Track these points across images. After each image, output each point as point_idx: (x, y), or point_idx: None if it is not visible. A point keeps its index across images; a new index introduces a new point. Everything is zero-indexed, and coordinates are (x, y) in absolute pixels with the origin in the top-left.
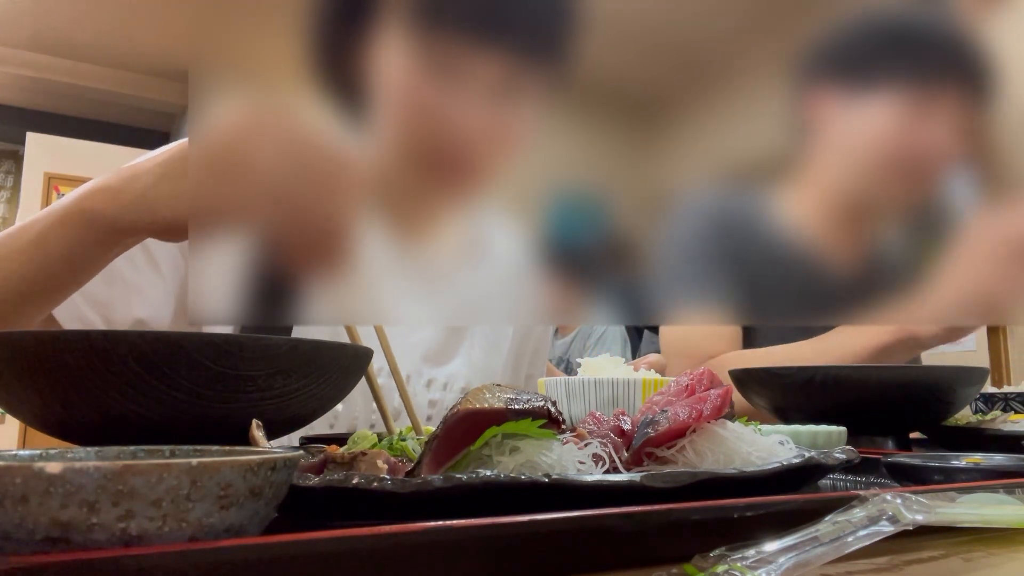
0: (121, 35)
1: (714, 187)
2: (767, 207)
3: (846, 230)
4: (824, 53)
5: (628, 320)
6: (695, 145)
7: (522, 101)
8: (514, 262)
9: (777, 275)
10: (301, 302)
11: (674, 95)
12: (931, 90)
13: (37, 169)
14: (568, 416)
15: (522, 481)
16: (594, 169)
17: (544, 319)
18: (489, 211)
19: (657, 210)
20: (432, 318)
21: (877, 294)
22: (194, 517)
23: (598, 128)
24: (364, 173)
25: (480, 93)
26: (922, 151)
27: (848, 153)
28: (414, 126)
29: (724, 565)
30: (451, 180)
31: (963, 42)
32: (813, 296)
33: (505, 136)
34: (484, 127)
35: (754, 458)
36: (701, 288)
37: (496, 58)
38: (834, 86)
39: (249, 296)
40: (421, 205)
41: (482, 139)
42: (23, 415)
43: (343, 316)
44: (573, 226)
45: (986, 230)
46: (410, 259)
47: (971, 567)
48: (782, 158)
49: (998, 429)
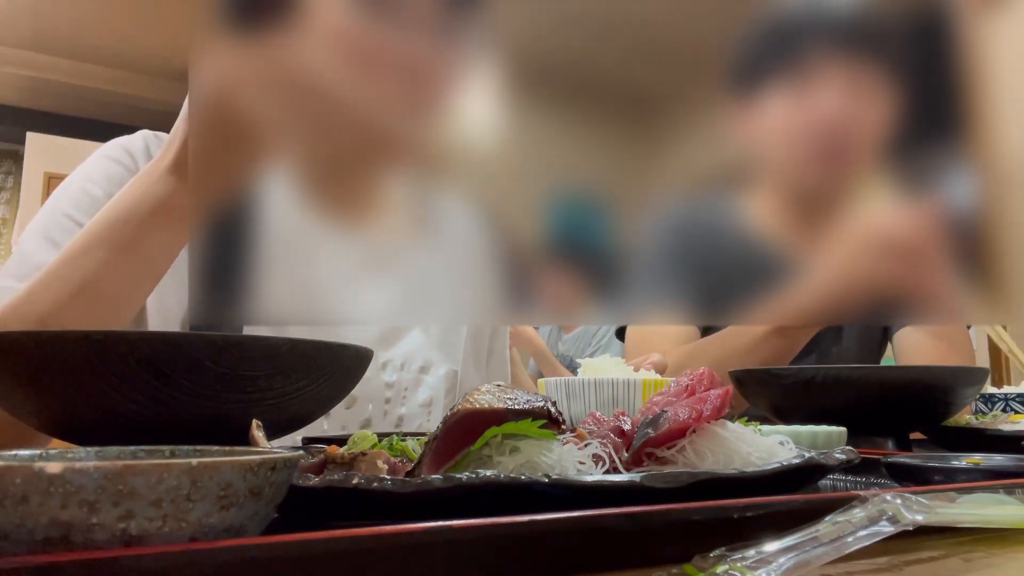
0: (121, 35)
1: (692, 191)
2: (734, 210)
3: (803, 225)
4: (758, 49)
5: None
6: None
7: (456, 36)
8: (473, 250)
9: (740, 277)
10: (248, 301)
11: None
12: (859, 74)
13: (37, 169)
14: (568, 416)
15: (522, 481)
16: (588, 169)
17: (505, 317)
18: (447, 192)
19: (647, 210)
20: (382, 312)
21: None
22: (194, 517)
23: (592, 128)
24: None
25: (415, 26)
26: (850, 134)
27: (789, 145)
28: (349, 62)
29: (724, 565)
30: (392, 113)
31: (895, 25)
32: (773, 294)
33: (443, 73)
34: (421, 62)
35: (754, 458)
36: (672, 289)
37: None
38: (773, 80)
39: (200, 294)
40: (359, 161)
41: (420, 74)
42: (23, 415)
43: (291, 316)
44: (569, 224)
45: (859, 226)
46: (355, 238)
47: (971, 567)
48: (743, 161)
49: (998, 429)
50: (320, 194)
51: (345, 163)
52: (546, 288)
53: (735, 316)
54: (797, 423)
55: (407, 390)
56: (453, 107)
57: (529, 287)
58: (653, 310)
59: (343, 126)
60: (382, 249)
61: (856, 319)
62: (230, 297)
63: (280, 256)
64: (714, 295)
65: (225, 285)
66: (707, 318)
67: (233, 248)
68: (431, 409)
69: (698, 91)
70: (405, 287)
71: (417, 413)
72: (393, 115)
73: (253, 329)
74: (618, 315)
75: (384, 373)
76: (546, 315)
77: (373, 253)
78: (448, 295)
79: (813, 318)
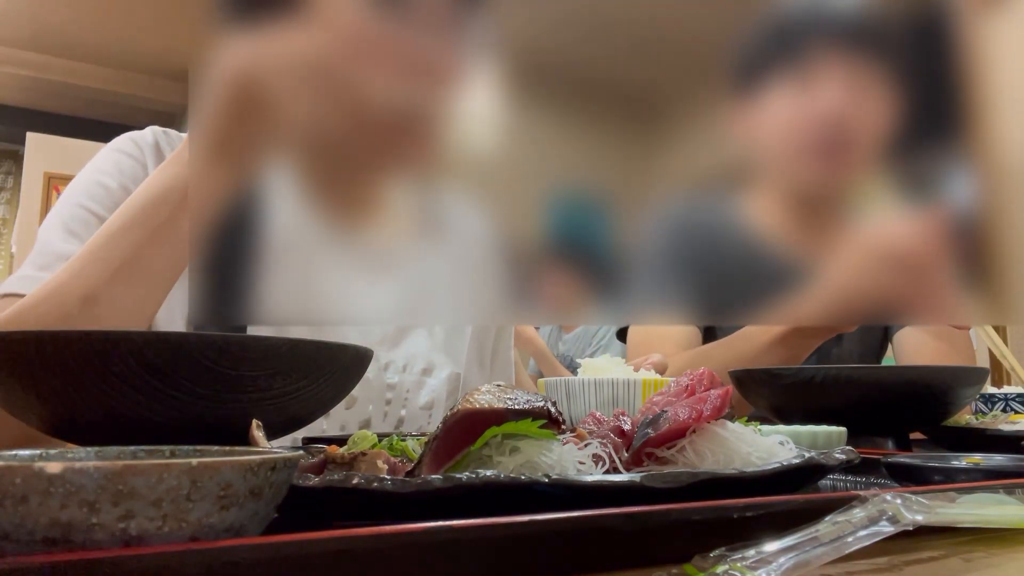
0: (121, 35)
1: (693, 190)
2: (734, 210)
3: (804, 225)
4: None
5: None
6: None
7: (461, 34)
8: (476, 250)
9: (741, 277)
10: (252, 301)
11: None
12: (860, 73)
13: (37, 169)
14: (568, 416)
15: (522, 481)
16: (589, 168)
17: (507, 317)
18: (449, 192)
19: (647, 210)
20: (385, 312)
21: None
22: (194, 517)
23: (593, 128)
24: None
25: (423, 22)
26: (851, 131)
27: (789, 141)
28: (358, 54)
29: (724, 565)
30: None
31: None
32: (777, 295)
33: (450, 70)
34: (430, 57)
35: (754, 458)
36: (672, 289)
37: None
38: (774, 78)
39: (202, 294)
40: (364, 163)
41: (428, 69)
42: (24, 415)
43: (294, 316)
44: (569, 224)
45: (862, 236)
46: (358, 238)
47: (971, 567)
48: (744, 160)
49: (998, 429)
50: (324, 193)
51: (351, 157)
52: (546, 288)
53: (735, 316)
54: (797, 423)
55: (409, 392)
56: (457, 105)
57: (530, 287)
58: (653, 310)
59: (352, 116)
60: (385, 249)
61: (860, 323)
62: (233, 297)
63: (283, 256)
64: (714, 295)
65: (228, 285)
66: (707, 318)
67: (236, 247)
68: (432, 412)
69: (699, 91)
70: (408, 287)
71: (418, 415)
72: (403, 106)
73: (256, 329)
74: (618, 315)
75: (386, 374)
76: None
77: (376, 253)
78: (451, 296)
79: (817, 322)
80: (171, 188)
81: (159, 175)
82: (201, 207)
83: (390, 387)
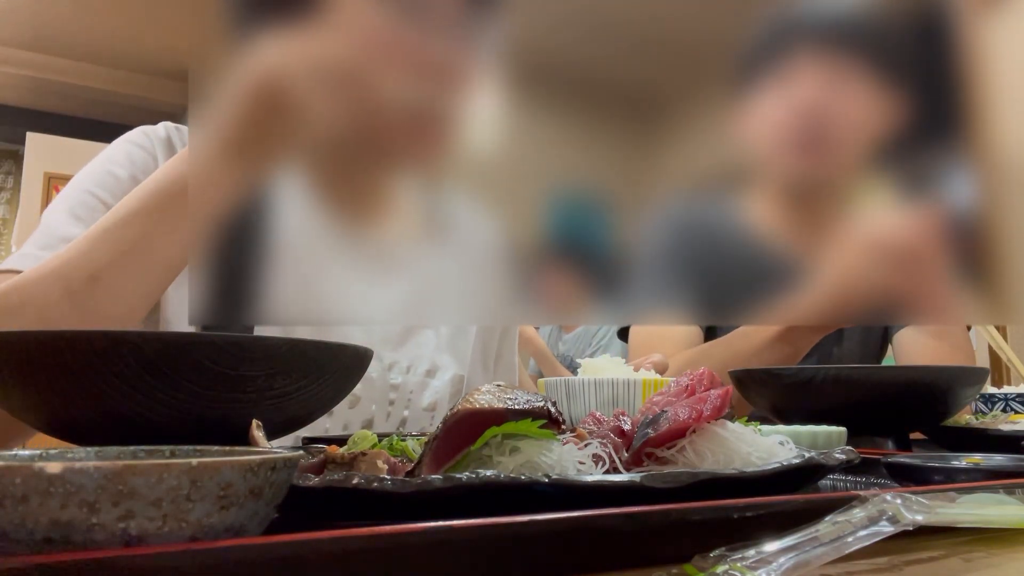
0: (121, 35)
1: (693, 190)
2: (734, 210)
3: (802, 223)
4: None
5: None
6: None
7: (470, 35)
8: (480, 250)
9: (741, 276)
10: (256, 301)
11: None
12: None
13: (37, 169)
14: (568, 416)
15: (522, 481)
16: (589, 168)
17: (509, 317)
18: (455, 193)
19: (648, 210)
20: (389, 313)
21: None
22: (194, 517)
23: (593, 128)
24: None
25: (439, 24)
26: (831, 124)
27: (772, 135)
28: (373, 54)
29: (724, 565)
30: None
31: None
32: (777, 295)
33: (461, 70)
34: (442, 58)
35: (754, 458)
36: (673, 289)
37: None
38: (764, 77)
39: (207, 296)
40: (376, 163)
41: (440, 70)
42: (23, 415)
43: (299, 316)
44: (570, 224)
45: (861, 232)
46: (363, 238)
47: (971, 567)
48: (743, 160)
49: (998, 429)
50: (332, 194)
51: (363, 157)
52: (547, 288)
53: (736, 316)
54: (797, 423)
55: (412, 393)
56: (466, 106)
57: (531, 287)
58: (654, 310)
59: (368, 117)
60: (390, 249)
61: (858, 321)
62: (240, 297)
63: (288, 256)
64: (715, 295)
65: (235, 285)
66: (708, 318)
67: (244, 247)
68: (435, 413)
69: (699, 91)
70: (412, 287)
71: (421, 416)
72: (418, 107)
73: (263, 329)
74: (619, 315)
75: (390, 375)
76: (547, 315)
77: (381, 253)
78: (455, 296)
79: (815, 321)
80: (184, 178)
81: (174, 164)
82: (202, 207)
83: (394, 387)
